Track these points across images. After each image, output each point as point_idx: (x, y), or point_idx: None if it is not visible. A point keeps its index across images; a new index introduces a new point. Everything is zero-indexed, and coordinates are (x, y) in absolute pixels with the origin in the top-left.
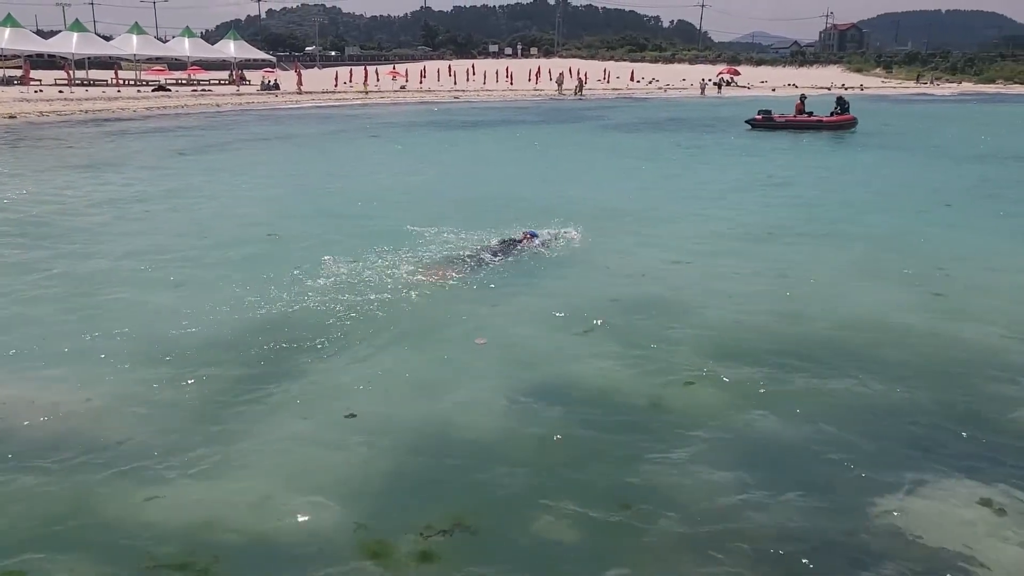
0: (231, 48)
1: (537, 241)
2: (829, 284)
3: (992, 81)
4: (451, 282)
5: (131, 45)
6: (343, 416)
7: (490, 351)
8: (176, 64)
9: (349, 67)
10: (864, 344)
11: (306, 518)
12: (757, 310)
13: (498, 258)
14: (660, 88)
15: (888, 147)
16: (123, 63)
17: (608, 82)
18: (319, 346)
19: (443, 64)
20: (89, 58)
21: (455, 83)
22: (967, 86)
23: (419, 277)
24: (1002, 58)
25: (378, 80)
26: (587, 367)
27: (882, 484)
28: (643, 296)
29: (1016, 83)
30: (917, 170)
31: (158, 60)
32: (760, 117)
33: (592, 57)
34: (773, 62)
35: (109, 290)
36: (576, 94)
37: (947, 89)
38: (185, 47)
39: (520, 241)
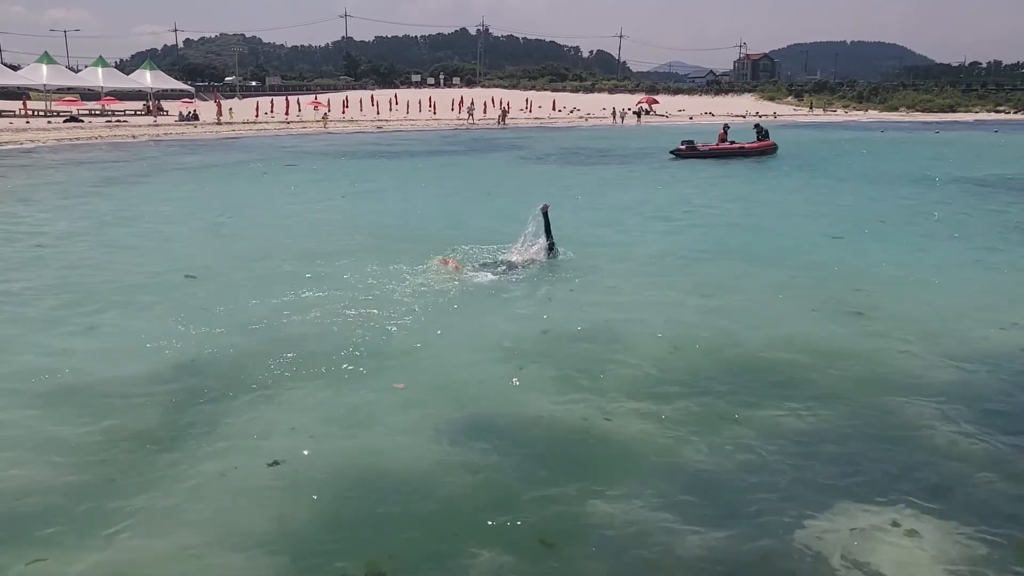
0: (147, 78)
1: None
2: (755, 310)
3: (896, 109)
4: (375, 322)
5: (41, 75)
6: (267, 464)
7: (415, 392)
8: (89, 95)
9: (270, 97)
10: (788, 368)
11: (229, 571)
12: (685, 338)
13: (435, 289)
14: (581, 117)
15: (807, 172)
16: (32, 93)
17: (531, 111)
18: (240, 391)
19: (366, 94)
20: None
21: (378, 113)
22: (873, 113)
23: (344, 315)
24: (904, 87)
25: (300, 110)
26: (516, 403)
27: (805, 509)
28: (574, 327)
29: (918, 110)
30: (836, 194)
31: (70, 90)
32: (684, 147)
33: (514, 87)
34: (690, 91)
35: (10, 333)
36: (499, 123)
37: (855, 116)
38: (99, 77)
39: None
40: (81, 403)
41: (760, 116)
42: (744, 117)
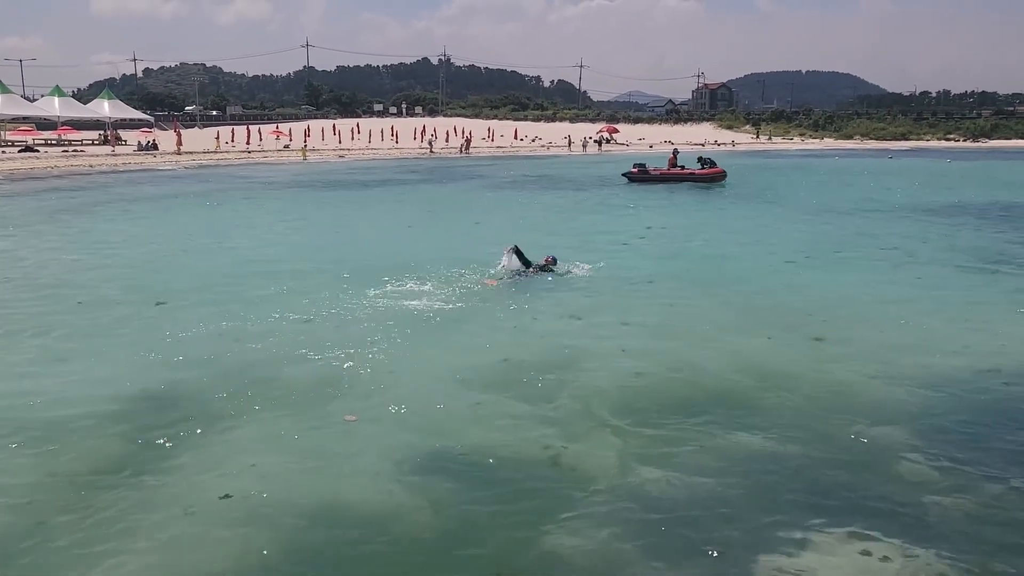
0: (105, 108)
1: (560, 264)
2: (713, 336)
3: (850, 137)
4: (335, 352)
5: None
6: (218, 497)
7: (371, 422)
8: (45, 124)
9: (231, 127)
10: (746, 395)
11: None
12: (644, 366)
13: (395, 317)
14: (543, 146)
15: (757, 199)
16: None
17: (493, 140)
18: (194, 424)
19: (328, 123)
20: None
21: (340, 142)
22: (828, 141)
23: (304, 345)
24: (858, 116)
25: (261, 140)
26: (475, 433)
27: (770, 535)
28: (534, 355)
29: (871, 139)
30: (786, 221)
31: (25, 120)
32: (636, 170)
33: (476, 116)
34: (650, 120)
35: None
36: (462, 152)
37: (812, 144)
38: (55, 106)
39: (544, 265)
40: (26, 438)
41: (719, 144)
42: (703, 145)
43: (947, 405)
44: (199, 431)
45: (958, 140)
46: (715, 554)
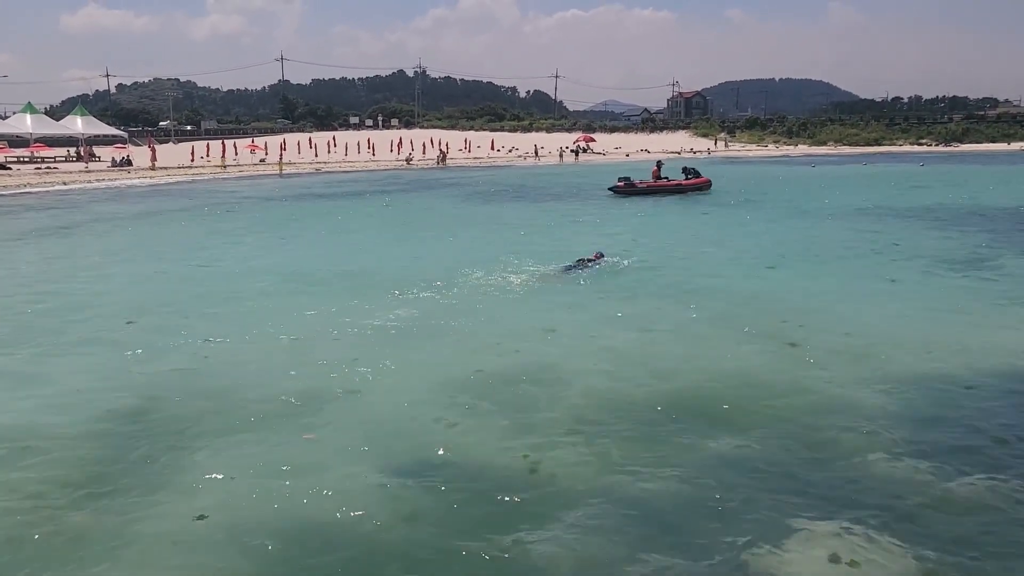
0: (78, 124)
1: (605, 260)
2: (691, 342)
3: (824, 143)
4: (308, 367)
5: None
6: (193, 519)
7: (343, 438)
8: (17, 141)
9: (206, 141)
10: (724, 399)
11: None
12: (624, 371)
13: (368, 330)
14: (520, 156)
15: (740, 207)
16: None
17: (470, 151)
18: (166, 443)
19: (303, 137)
20: None
21: (316, 156)
22: (802, 148)
23: (278, 360)
24: (831, 122)
25: (236, 154)
26: (452, 445)
27: (750, 534)
28: (509, 365)
29: (845, 144)
30: (767, 228)
31: None
32: (622, 184)
33: (453, 127)
34: (626, 129)
35: None
36: (439, 164)
37: (785, 150)
38: (27, 123)
39: (591, 260)
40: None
41: (696, 153)
42: (679, 153)
43: (917, 407)
44: (169, 451)
45: (930, 145)
46: (693, 557)
